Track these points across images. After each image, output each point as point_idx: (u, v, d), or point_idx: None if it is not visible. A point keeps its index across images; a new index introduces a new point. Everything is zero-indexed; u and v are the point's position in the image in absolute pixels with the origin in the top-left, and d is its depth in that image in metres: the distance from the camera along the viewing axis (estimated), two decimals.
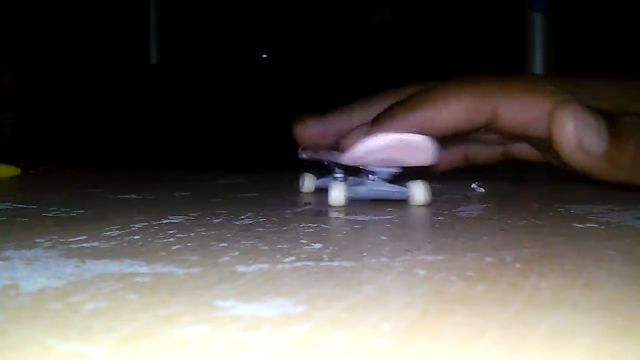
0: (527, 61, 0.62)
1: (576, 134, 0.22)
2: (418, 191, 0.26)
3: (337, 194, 0.25)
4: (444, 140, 0.26)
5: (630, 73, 0.29)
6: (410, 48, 0.71)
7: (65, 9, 0.67)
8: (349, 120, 0.30)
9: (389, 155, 0.24)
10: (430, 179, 0.27)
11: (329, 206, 0.25)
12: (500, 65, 0.67)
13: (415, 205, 0.26)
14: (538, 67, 0.61)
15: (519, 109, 0.25)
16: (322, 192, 0.31)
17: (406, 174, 0.26)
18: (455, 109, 0.25)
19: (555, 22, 0.62)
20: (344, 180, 0.26)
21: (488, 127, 0.26)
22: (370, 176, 0.26)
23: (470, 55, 0.71)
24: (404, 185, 0.26)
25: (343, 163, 0.26)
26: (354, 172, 0.27)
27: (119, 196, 0.30)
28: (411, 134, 0.24)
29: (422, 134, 0.25)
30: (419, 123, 0.25)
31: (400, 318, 0.10)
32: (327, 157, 0.28)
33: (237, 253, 0.16)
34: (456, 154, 0.32)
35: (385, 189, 0.26)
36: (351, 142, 0.25)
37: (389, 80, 0.64)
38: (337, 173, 0.27)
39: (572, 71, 0.31)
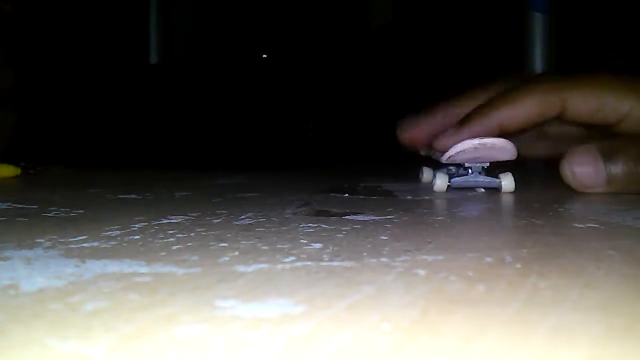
0: (527, 61, 0.62)
1: (578, 180, 0.28)
2: (508, 181, 0.31)
3: (440, 182, 0.31)
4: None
5: None
6: (410, 48, 0.71)
7: (65, 9, 0.67)
8: (441, 121, 0.34)
9: (475, 155, 0.30)
10: (515, 170, 0.31)
11: (433, 192, 0.31)
12: (501, 66, 0.67)
13: (505, 192, 0.30)
14: (538, 67, 0.61)
15: (584, 100, 0.29)
16: (323, 192, 0.31)
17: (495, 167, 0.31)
18: (528, 106, 0.30)
19: (555, 22, 0.62)
20: (448, 171, 0.32)
21: (559, 119, 0.30)
22: (468, 170, 0.31)
23: (471, 55, 0.71)
24: (495, 176, 0.31)
25: (442, 162, 0.31)
26: (456, 165, 0.32)
27: (119, 196, 0.30)
28: (493, 138, 0.29)
29: (505, 132, 0.30)
30: (500, 123, 0.30)
31: (401, 318, 0.10)
32: (435, 156, 0.33)
33: (237, 253, 0.16)
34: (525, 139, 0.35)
35: (480, 179, 0.31)
36: (443, 144, 0.31)
37: (388, 80, 0.64)
38: (442, 166, 0.33)
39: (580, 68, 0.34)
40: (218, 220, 0.22)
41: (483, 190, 0.32)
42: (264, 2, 0.73)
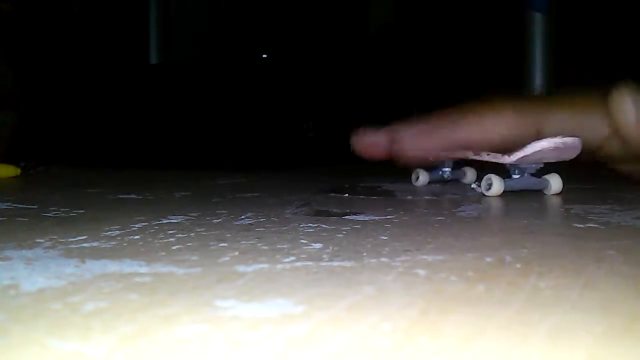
0: (527, 61, 0.62)
1: (636, 111, 0.27)
2: (555, 182, 0.30)
3: (497, 186, 0.29)
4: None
5: None
6: (410, 49, 0.71)
7: (65, 9, 0.67)
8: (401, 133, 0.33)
9: (546, 155, 0.29)
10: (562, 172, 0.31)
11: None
12: (501, 66, 0.67)
13: (552, 193, 0.30)
14: (538, 67, 0.61)
15: (563, 123, 0.29)
16: (324, 192, 0.31)
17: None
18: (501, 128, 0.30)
19: (555, 22, 0.62)
20: (503, 176, 0.31)
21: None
22: (516, 171, 0.30)
23: (471, 56, 0.71)
24: (543, 178, 0.30)
25: (510, 163, 0.30)
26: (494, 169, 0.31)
27: (119, 196, 0.30)
28: (566, 137, 0.29)
29: (476, 147, 0.31)
30: (489, 142, 0.30)
31: (400, 318, 0.10)
32: (488, 158, 0.31)
33: (237, 253, 0.16)
34: None
35: (530, 181, 0.30)
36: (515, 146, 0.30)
37: (388, 80, 0.64)
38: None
39: (572, 75, 0.33)
40: (218, 220, 0.22)
41: (482, 190, 0.32)
42: (264, 2, 0.73)
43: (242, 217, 0.22)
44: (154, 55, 0.75)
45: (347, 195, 0.30)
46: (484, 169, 0.35)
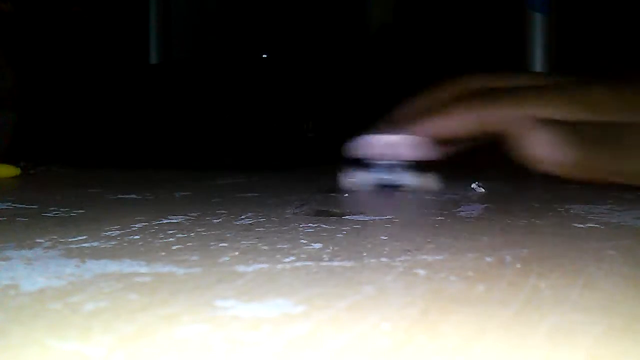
0: (527, 61, 0.62)
1: (550, 153, 0.26)
2: (430, 180, 0.31)
3: (357, 180, 0.31)
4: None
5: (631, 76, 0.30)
6: (410, 48, 0.71)
7: (65, 8, 0.67)
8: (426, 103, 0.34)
9: (386, 152, 0.30)
10: (439, 171, 0.32)
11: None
12: (501, 66, 0.67)
13: (427, 191, 0.31)
14: (538, 67, 0.61)
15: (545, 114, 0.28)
16: (324, 192, 0.31)
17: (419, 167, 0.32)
18: (469, 122, 0.30)
19: (555, 22, 0.62)
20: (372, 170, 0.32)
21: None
22: (374, 166, 0.31)
23: (471, 56, 0.71)
24: (417, 176, 0.31)
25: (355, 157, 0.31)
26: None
27: (119, 196, 0.30)
28: (402, 136, 0.29)
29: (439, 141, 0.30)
30: (435, 134, 0.30)
31: (401, 318, 0.10)
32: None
33: (237, 253, 0.16)
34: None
35: (398, 177, 0.31)
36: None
37: (388, 80, 0.64)
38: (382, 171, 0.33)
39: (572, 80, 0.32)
40: (218, 220, 0.22)
41: (483, 190, 0.32)
42: (263, 2, 0.73)
43: (242, 217, 0.22)
44: (154, 55, 0.75)
45: (347, 195, 0.30)
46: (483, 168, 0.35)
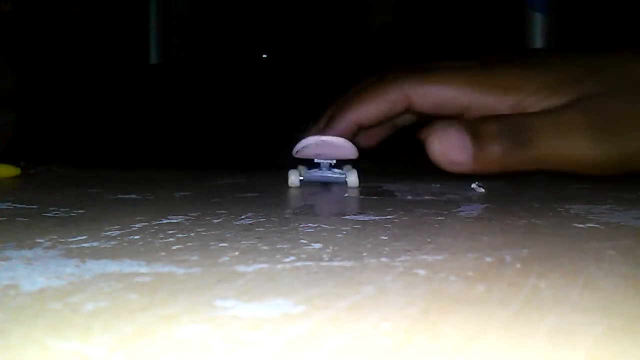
0: None
1: (444, 155, 0.27)
2: (353, 177, 0.34)
3: (293, 177, 0.34)
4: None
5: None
6: (410, 48, 0.71)
7: (65, 9, 0.67)
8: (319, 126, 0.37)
9: (319, 151, 0.32)
10: (360, 168, 0.35)
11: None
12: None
13: (350, 187, 0.33)
14: None
15: (425, 95, 0.31)
16: (325, 191, 0.31)
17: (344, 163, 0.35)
18: (378, 104, 0.33)
19: (555, 22, 0.62)
20: (300, 169, 0.35)
21: (408, 111, 0.33)
22: (321, 165, 0.34)
23: (471, 55, 0.71)
24: (342, 173, 0.34)
25: (294, 156, 0.33)
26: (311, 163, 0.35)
27: (119, 196, 0.30)
28: (332, 137, 0.32)
29: (362, 127, 0.33)
30: (356, 120, 0.33)
31: (400, 318, 0.10)
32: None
33: (237, 253, 0.16)
34: (378, 131, 0.37)
35: (328, 174, 0.34)
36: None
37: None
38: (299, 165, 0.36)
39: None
40: (218, 220, 0.22)
41: (483, 190, 0.32)
42: (264, 2, 0.73)
43: (242, 217, 0.22)
44: (154, 55, 0.75)
45: (347, 195, 0.30)
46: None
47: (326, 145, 0.32)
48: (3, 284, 0.13)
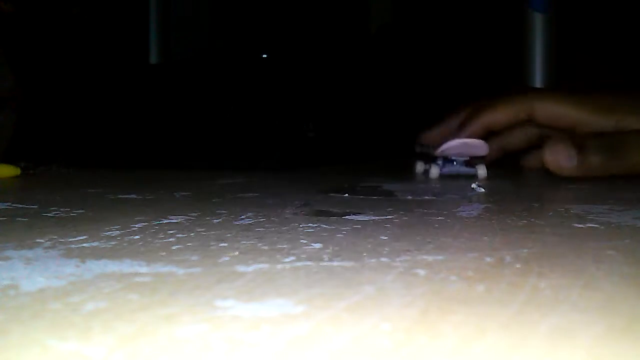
0: (527, 61, 0.62)
1: (555, 161, 0.36)
2: (482, 170, 0.39)
3: (434, 171, 0.40)
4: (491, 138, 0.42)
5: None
6: (410, 48, 0.71)
7: (65, 9, 0.67)
8: (449, 125, 0.45)
9: (459, 151, 0.39)
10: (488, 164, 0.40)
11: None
12: (501, 65, 0.67)
13: (480, 179, 0.38)
14: (538, 67, 0.61)
15: (546, 109, 0.40)
16: (325, 192, 0.31)
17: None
18: (506, 111, 0.42)
19: (555, 22, 0.62)
20: (440, 163, 0.41)
21: (530, 121, 0.42)
22: (454, 161, 0.40)
23: (470, 56, 0.71)
24: (473, 167, 0.40)
25: (436, 155, 0.40)
26: (443, 159, 0.41)
27: (119, 196, 0.30)
28: (472, 139, 0.39)
29: (490, 130, 0.42)
30: (486, 125, 0.42)
31: (400, 318, 0.10)
32: (432, 151, 0.41)
33: (237, 253, 0.16)
34: (495, 149, 0.44)
35: (462, 169, 0.40)
36: (434, 140, 0.42)
37: (388, 80, 0.64)
38: (437, 160, 0.42)
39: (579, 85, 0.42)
40: (218, 220, 0.22)
41: (483, 190, 0.32)
42: (263, 2, 0.73)
43: (242, 217, 0.22)
44: (154, 55, 0.74)
45: (347, 195, 0.30)
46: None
47: (466, 145, 0.38)
48: (3, 284, 0.13)
